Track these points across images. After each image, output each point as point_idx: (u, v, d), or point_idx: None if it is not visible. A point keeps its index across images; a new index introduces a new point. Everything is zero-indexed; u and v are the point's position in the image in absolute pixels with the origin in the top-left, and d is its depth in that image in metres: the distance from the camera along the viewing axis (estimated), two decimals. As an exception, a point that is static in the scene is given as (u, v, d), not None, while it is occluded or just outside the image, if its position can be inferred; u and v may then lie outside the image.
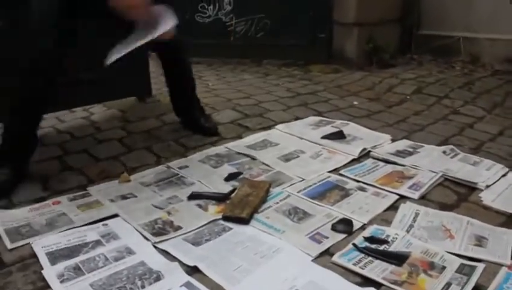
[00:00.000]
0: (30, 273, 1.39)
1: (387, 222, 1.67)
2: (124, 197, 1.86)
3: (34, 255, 1.48)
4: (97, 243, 1.55)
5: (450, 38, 4.48)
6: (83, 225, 1.65)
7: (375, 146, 2.37)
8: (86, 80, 2.64)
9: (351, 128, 2.65)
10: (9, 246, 1.52)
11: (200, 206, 1.79)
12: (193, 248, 1.52)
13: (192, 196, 1.84)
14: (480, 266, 1.40)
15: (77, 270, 1.39)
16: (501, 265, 1.41)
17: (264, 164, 2.16)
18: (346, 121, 2.76)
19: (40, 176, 2.07)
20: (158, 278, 1.36)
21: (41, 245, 1.51)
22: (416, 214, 1.72)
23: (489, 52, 4.26)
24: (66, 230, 1.62)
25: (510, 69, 4.05)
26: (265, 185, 1.88)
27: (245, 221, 1.65)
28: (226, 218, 1.68)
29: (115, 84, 2.86)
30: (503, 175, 2.05)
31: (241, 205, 1.72)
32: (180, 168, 2.13)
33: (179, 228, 1.64)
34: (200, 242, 1.55)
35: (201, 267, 1.41)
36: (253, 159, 2.23)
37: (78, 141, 2.51)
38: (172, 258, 1.46)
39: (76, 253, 1.48)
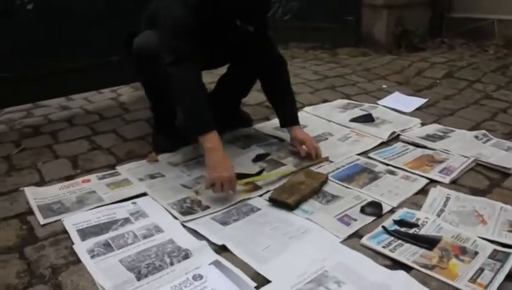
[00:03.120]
0: (61, 248, 1.42)
1: (417, 206, 1.65)
2: (152, 177, 1.88)
3: (65, 231, 1.50)
4: (126, 220, 1.56)
5: (483, 20, 4.36)
6: (112, 203, 1.67)
7: (404, 130, 2.33)
8: (114, 62, 2.65)
9: (379, 111, 2.61)
10: (42, 221, 1.55)
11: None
12: (221, 227, 1.52)
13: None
14: (515, 253, 1.37)
15: (107, 247, 1.41)
16: (536, 252, 1.38)
17: (292, 145, 2.14)
18: (374, 104, 2.71)
19: (70, 154, 2.10)
20: (187, 256, 1.36)
21: (72, 222, 1.54)
22: (447, 199, 1.69)
23: (525, 36, 4.14)
24: (96, 207, 1.64)
25: (546, 53, 3.94)
26: (322, 177, 1.81)
27: (290, 207, 1.61)
28: (272, 200, 1.66)
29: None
30: (538, 161, 1.99)
31: (290, 191, 1.68)
32: (208, 149, 2.12)
33: (207, 207, 1.64)
34: (228, 222, 1.55)
35: (229, 246, 1.41)
36: (281, 140, 2.21)
37: (106, 122, 2.54)
38: (201, 237, 1.47)
39: (105, 230, 1.50)
